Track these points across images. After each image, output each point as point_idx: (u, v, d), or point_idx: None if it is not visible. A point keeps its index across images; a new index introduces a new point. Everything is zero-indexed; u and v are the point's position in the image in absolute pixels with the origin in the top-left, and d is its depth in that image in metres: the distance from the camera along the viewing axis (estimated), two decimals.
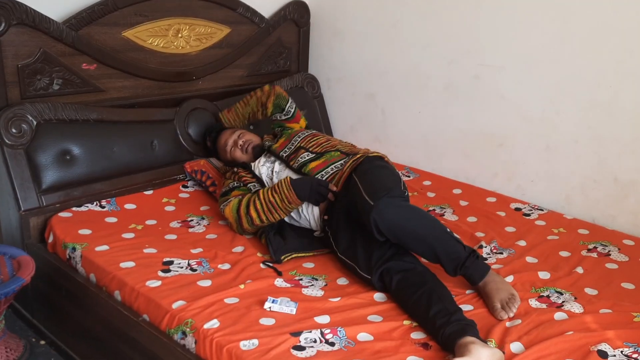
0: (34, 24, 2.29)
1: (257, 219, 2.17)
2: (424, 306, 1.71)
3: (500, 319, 1.75)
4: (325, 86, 3.41)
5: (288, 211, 2.18)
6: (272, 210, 2.16)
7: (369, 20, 3.14)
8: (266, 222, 2.18)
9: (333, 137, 2.57)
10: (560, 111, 2.55)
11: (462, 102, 2.86)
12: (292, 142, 2.44)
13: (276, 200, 2.15)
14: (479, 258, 1.88)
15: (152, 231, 2.26)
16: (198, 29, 2.82)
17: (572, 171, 2.56)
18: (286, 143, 2.45)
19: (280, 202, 2.15)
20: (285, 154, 2.39)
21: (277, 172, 2.37)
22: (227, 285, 1.89)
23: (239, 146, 2.56)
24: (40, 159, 2.33)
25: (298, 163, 2.32)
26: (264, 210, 2.16)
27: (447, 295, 1.78)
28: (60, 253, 2.18)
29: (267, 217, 2.17)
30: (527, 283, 1.98)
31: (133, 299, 1.86)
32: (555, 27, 2.49)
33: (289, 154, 2.39)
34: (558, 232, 2.39)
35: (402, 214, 1.90)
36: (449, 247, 1.87)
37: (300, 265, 2.08)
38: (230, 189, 2.35)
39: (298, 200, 2.14)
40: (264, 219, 2.17)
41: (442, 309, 1.67)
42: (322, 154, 2.32)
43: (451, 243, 1.88)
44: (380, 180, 2.06)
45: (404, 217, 1.89)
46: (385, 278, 1.87)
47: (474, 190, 2.77)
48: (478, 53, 2.76)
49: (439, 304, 1.69)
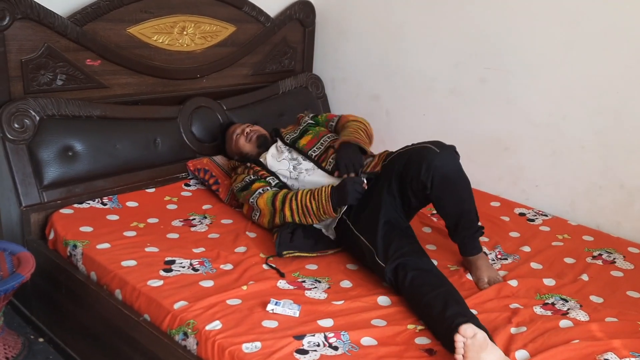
0: (39, 18, 2.27)
1: (290, 217, 2.16)
2: (439, 306, 1.68)
3: (482, 289, 1.94)
4: (330, 86, 3.39)
5: (321, 220, 2.17)
6: (307, 214, 2.15)
7: (375, 21, 3.12)
8: (297, 222, 2.17)
9: None
10: (567, 116, 2.53)
11: (468, 106, 2.84)
12: (321, 142, 2.41)
13: (312, 207, 2.13)
14: (482, 234, 2.07)
15: (153, 230, 2.24)
16: (203, 27, 2.81)
17: (578, 177, 2.54)
18: (315, 142, 2.42)
19: (316, 209, 2.13)
20: (315, 154, 2.37)
21: (307, 171, 2.34)
22: (229, 286, 1.87)
23: (245, 134, 2.54)
24: (42, 154, 2.31)
25: (331, 165, 2.30)
26: (298, 212, 2.15)
27: (464, 302, 1.76)
28: (60, 250, 2.16)
29: (300, 219, 2.16)
30: (531, 289, 1.97)
31: (134, 299, 1.84)
32: (563, 31, 2.48)
33: (319, 154, 2.36)
34: (563, 238, 2.37)
35: (461, 171, 2.00)
36: (472, 215, 2.02)
37: (303, 267, 2.06)
38: (249, 182, 2.33)
39: (334, 214, 2.11)
40: (296, 219, 2.16)
41: (461, 311, 1.65)
42: None
43: (474, 213, 2.03)
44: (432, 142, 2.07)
45: (460, 175, 2.00)
46: (399, 272, 1.84)
47: (478, 194, 2.70)
48: (485, 56, 2.74)
49: (456, 306, 1.68)
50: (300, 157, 2.39)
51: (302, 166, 2.36)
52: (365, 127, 2.48)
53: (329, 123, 2.58)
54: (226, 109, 2.93)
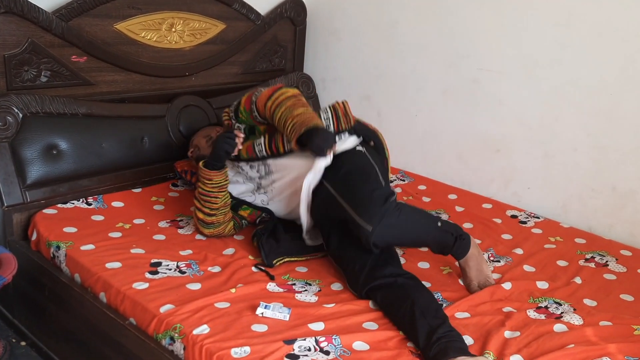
0: (22, 12, 2.21)
1: (205, 215, 2.09)
2: (408, 324, 1.66)
3: (472, 292, 1.91)
4: (321, 86, 3.36)
5: (218, 187, 2.07)
6: (206, 197, 2.08)
7: (367, 20, 3.09)
8: (213, 212, 2.08)
9: None
10: (559, 118, 2.51)
11: (460, 107, 2.82)
12: (259, 142, 2.20)
13: (202, 188, 2.08)
14: (464, 238, 1.93)
15: (139, 231, 2.19)
16: (192, 24, 2.75)
17: (570, 179, 2.53)
18: (252, 147, 2.19)
19: (204, 186, 2.07)
20: (262, 151, 2.16)
21: (268, 165, 2.17)
22: (217, 289, 1.82)
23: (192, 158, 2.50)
24: (25, 153, 2.25)
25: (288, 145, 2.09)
26: (202, 205, 2.09)
27: (430, 307, 1.70)
28: (43, 251, 2.11)
29: (210, 208, 2.08)
30: (525, 293, 1.94)
31: (119, 302, 1.79)
32: (556, 32, 2.46)
33: (268, 146, 2.15)
34: (555, 240, 2.35)
35: (402, 230, 1.88)
36: (440, 240, 1.93)
37: (293, 270, 2.02)
38: None
39: (212, 171, 2.06)
40: (206, 212, 2.08)
41: (425, 327, 1.61)
42: None
43: (441, 236, 1.92)
44: (361, 185, 1.93)
45: (402, 233, 1.89)
46: (371, 296, 1.83)
47: (470, 196, 2.73)
48: (477, 57, 2.71)
49: (421, 320, 1.63)
50: (256, 165, 2.21)
51: (265, 167, 2.19)
52: (295, 98, 2.11)
53: (253, 114, 2.19)
54: (215, 108, 2.88)
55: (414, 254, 2.16)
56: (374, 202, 1.85)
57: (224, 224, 2.15)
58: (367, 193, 1.90)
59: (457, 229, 1.95)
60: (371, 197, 1.87)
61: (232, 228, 2.18)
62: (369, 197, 1.87)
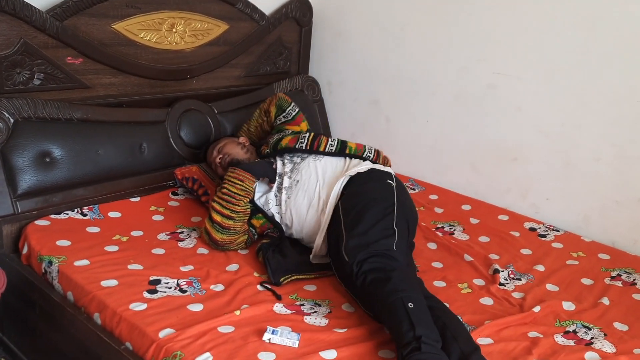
0: (14, 11, 2.08)
1: (223, 218, 2.01)
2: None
3: None
4: (327, 90, 3.23)
5: (245, 191, 2.05)
6: (231, 199, 2.03)
7: (375, 21, 2.96)
8: (233, 215, 2.01)
9: None
10: (581, 125, 2.38)
11: (474, 112, 2.69)
12: (304, 134, 2.27)
13: (228, 189, 2.03)
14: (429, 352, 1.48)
15: (137, 244, 2.06)
16: (194, 24, 2.63)
17: (592, 190, 2.40)
18: (296, 139, 2.25)
19: (231, 186, 2.04)
20: (303, 144, 2.21)
21: (297, 163, 2.17)
22: (220, 311, 1.70)
23: (219, 165, 2.37)
24: (16, 160, 2.12)
25: (335, 142, 2.21)
26: (223, 206, 2.02)
27: (462, 331, 1.59)
28: (35, 266, 1.98)
29: (231, 210, 2.02)
30: (550, 315, 1.81)
31: (115, 324, 1.66)
32: (579, 34, 2.33)
33: (311, 142, 2.22)
34: (577, 256, 2.22)
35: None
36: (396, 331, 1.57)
37: (300, 288, 1.89)
38: None
39: (247, 172, 2.07)
40: (226, 213, 2.02)
41: (457, 352, 1.50)
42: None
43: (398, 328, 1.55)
44: (363, 223, 1.85)
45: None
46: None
47: (485, 207, 2.60)
48: (493, 60, 2.59)
49: (453, 344, 1.52)
50: (293, 158, 2.22)
51: (286, 167, 2.18)
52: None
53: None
54: (217, 113, 2.75)
55: (427, 272, 2.04)
56: (363, 245, 1.78)
57: (238, 233, 2.05)
58: (366, 226, 1.83)
59: (430, 333, 1.51)
60: (366, 233, 1.81)
61: (243, 242, 2.08)
62: (364, 232, 1.81)
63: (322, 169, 2.13)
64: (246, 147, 2.40)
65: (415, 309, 1.54)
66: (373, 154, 2.26)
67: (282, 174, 2.17)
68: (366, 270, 1.69)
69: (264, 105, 2.48)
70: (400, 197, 1.99)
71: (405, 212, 1.96)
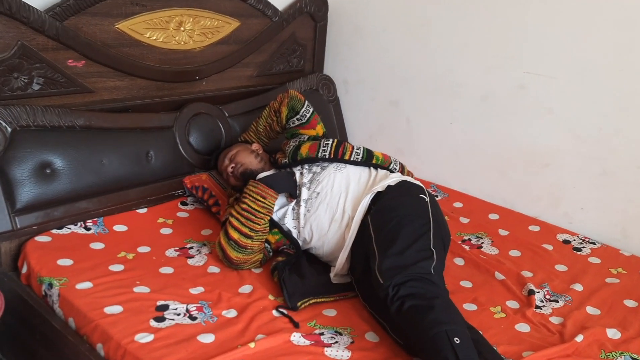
0: (10, 12, 1.96)
1: (241, 236, 1.88)
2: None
3: None
4: (343, 89, 3.07)
5: (267, 209, 1.93)
6: (251, 216, 1.90)
7: (395, 17, 2.80)
8: (252, 234, 1.89)
9: None
10: (620, 131, 2.22)
11: (502, 115, 2.53)
12: (326, 142, 2.12)
13: (249, 205, 1.91)
14: None
15: (144, 262, 1.93)
16: (203, 22, 2.48)
17: (631, 200, 2.24)
18: (317, 147, 2.10)
19: (252, 203, 1.92)
20: (326, 153, 2.07)
21: (317, 173, 2.04)
22: (233, 342, 1.56)
23: (231, 174, 2.21)
24: (14, 173, 1.99)
25: (360, 151, 2.08)
26: (242, 223, 1.89)
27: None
28: (35, 287, 1.85)
29: (250, 228, 1.89)
30: (594, 344, 1.66)
31: (119, 357, 1.53)
32: (620, 31, 2.16)
33: (335, 150, 2.08)
34: (617, 273, 2.07)
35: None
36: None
37: (320, 313, 1.75)
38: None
39: (270, 189, 1.95)
40: (245, 232, 1.88)
41: None
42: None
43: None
44: (399, 243, 1.70)
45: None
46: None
47: (514, 216, 2.44)
48: (524, 59, 2.42)
49: None
50: (312, 167, 2.08)
51: (305, 178, 2.05)
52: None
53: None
54: (228, 116, 2.61)
55: (456, 292, 1.88)
56: (399, 267, 1.62)
57: (255, 253, 1.92)
58: (402, 246, 1.68)
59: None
60: (402, 253, 1.66)
61: (258, 260, 1.95)
62: (400, 252, 1.66)
63: (346, 180, 1.99)
64: (260, 155, 2.24)
65: (462, 345, 1.40)
66: (398, 166, 2.11)
67: (300, 185, 2.03)
68: (403, 295, 1.54)
69: (274, 104, 2.31)
70: (434, 214, 1.84)
71: (440, 231, 1.82)
